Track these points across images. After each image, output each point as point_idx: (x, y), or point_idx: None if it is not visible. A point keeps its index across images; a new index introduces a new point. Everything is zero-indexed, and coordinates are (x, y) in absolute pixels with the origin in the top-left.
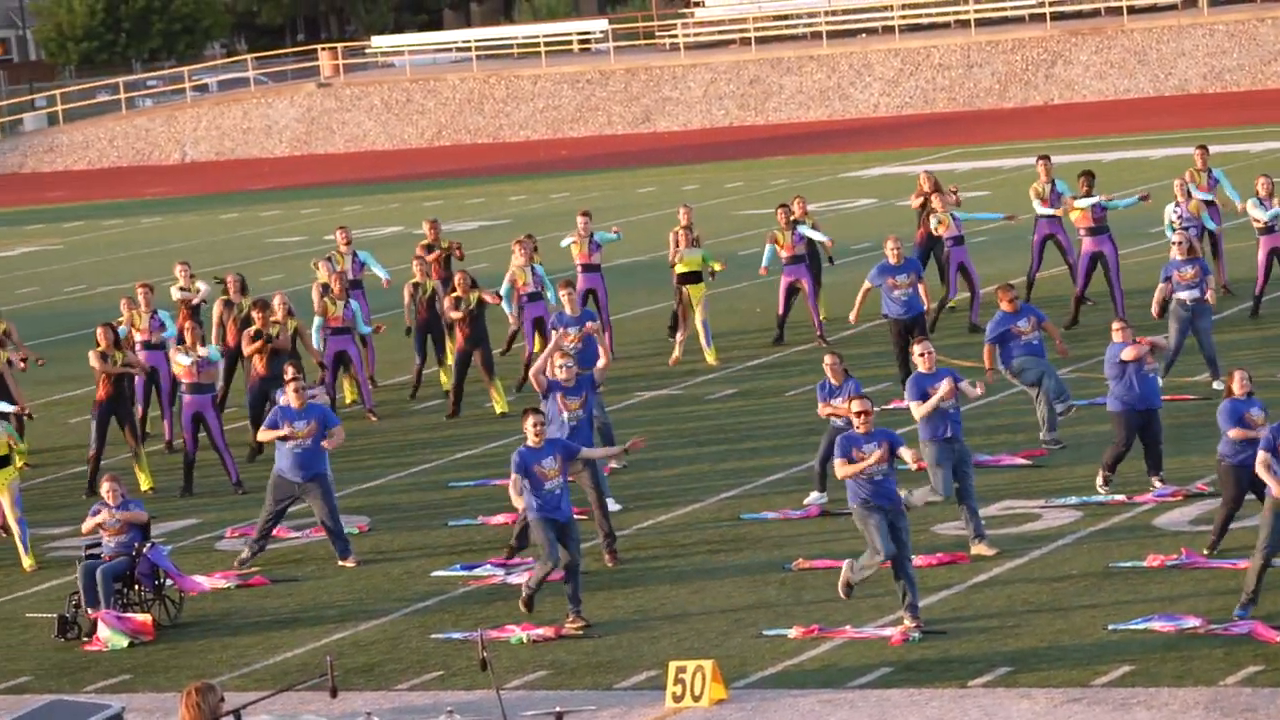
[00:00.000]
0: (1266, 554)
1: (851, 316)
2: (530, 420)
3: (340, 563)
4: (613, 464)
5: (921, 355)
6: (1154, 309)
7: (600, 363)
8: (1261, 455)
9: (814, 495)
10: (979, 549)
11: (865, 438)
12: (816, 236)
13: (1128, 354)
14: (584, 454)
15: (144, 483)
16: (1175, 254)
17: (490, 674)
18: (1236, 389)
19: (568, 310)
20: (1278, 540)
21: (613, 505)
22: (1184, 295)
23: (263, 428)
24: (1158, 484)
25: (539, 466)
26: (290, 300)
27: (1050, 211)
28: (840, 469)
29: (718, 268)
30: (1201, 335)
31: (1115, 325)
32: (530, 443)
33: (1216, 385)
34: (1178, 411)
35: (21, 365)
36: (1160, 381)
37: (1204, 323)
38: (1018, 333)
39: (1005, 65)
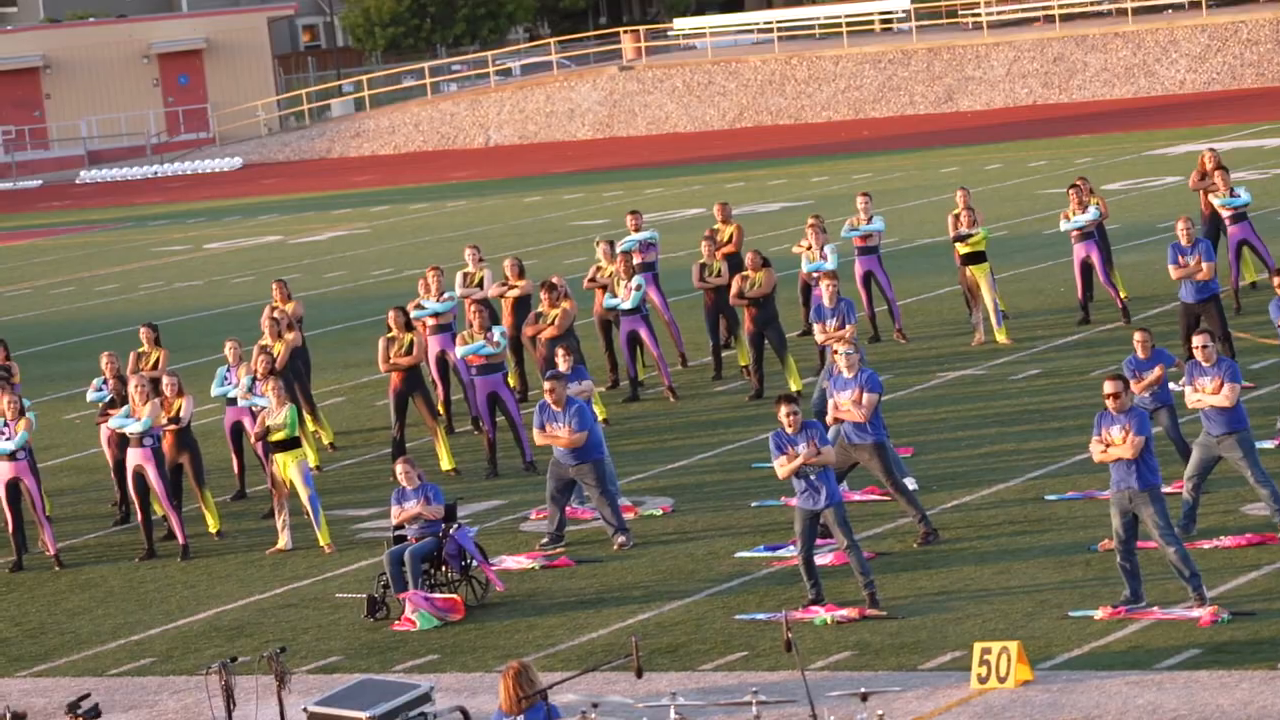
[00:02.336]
0: None
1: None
2: (784, 409)
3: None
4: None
5: (1201, 348)
6: None
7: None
8: None
9: None
10: None
11: (1112, 419)
12: (1086, 218)
13: None
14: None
15: (445, 463)
16: None
17: (795, 655)
18: None
19: (826, 302)
20: None
21: (911, 484)
22: None
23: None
24: None
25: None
26: (566, 284)
27: None
28: (1094, 451)
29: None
30: None
31: None
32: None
33: None
34: None
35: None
36: None
37: None
38: None
39: None
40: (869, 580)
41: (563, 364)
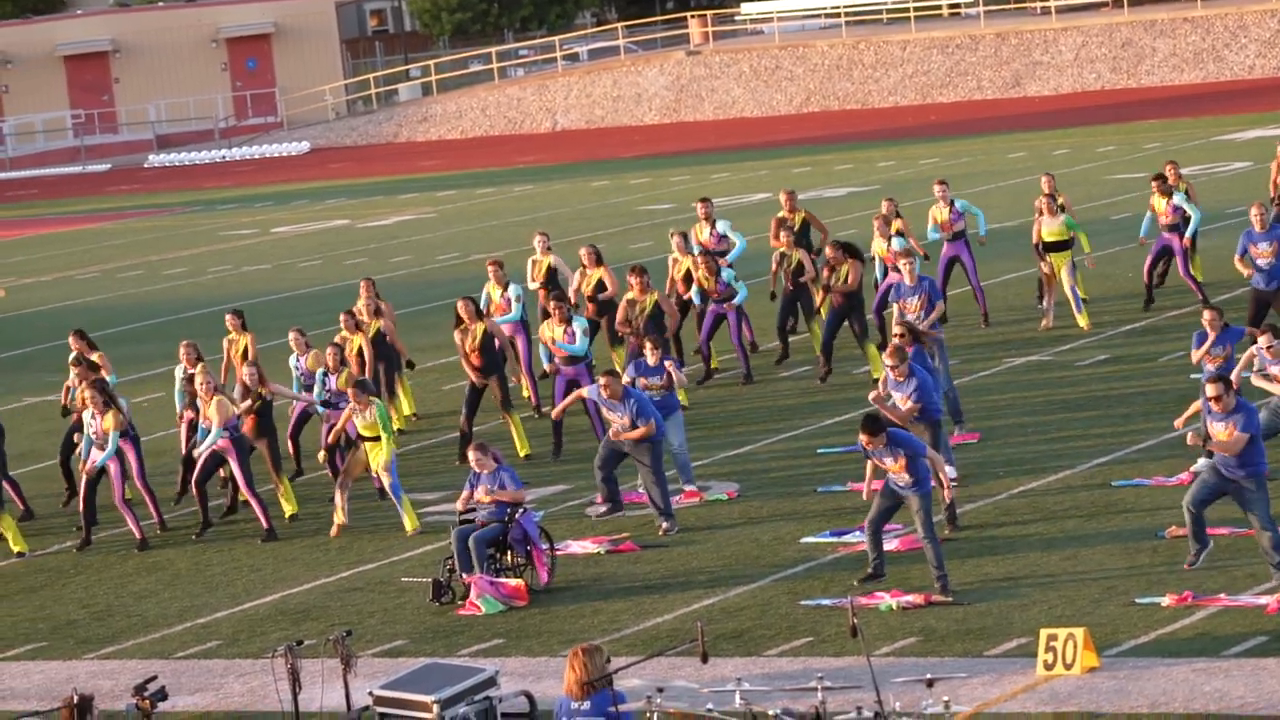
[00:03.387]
0: None
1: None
2: (862, 438)
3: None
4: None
5: (1268, 347)
6: None
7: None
8: None
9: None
10: None
11: (1217, 416)
12: (1188, 209)
13: None
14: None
15: (521, 449)
16: None
17: (860, 641)
18: None
19: (907, 281)
20: None
21: (951, 472)
22: None
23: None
24: None
25: (880, 461)
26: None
27: None
28: (1189, 437)
29: (1086, 248)
30: None
31: None
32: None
33: None
34: None
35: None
36: None
37: None
38: None
39: None
40: (942, 574)
41: (651, 358)
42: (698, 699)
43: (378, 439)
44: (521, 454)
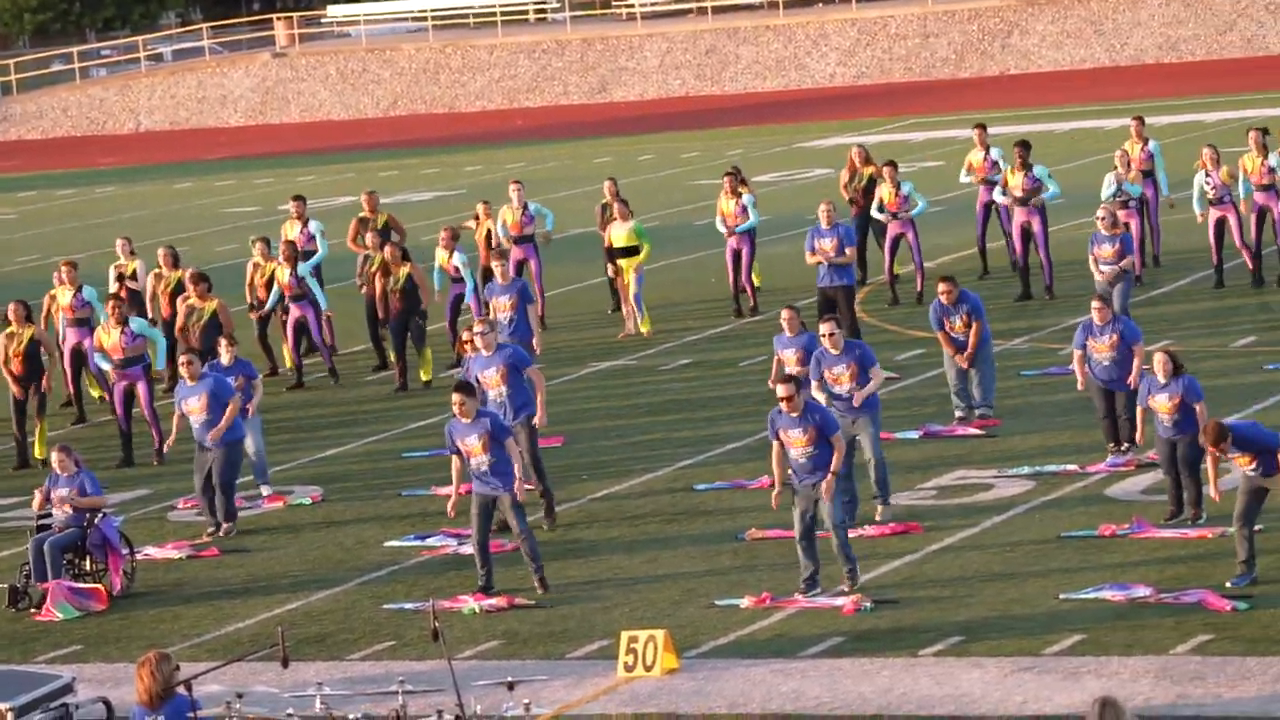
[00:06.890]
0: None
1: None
2: (455, 397)
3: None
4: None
5: (828, 335)
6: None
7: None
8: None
9: None
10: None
11: (790, 421)
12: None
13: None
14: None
15: (38, 452)
16: (1100, 227)
17: (442, 644)
18: None
19: (499, 280)
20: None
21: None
22: (1104, 271)
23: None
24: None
25: (463, 441)
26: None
27: (974, 180)
28: (775, 450)
29: (645, 255)
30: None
31: (1095, 305)
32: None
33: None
34: None
35: None
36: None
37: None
38: (949, 327)
39: (962, 35)
40: (538, 565)
41: (225, 356)
42: (278, 704)
43: None
44: (39, 456)
